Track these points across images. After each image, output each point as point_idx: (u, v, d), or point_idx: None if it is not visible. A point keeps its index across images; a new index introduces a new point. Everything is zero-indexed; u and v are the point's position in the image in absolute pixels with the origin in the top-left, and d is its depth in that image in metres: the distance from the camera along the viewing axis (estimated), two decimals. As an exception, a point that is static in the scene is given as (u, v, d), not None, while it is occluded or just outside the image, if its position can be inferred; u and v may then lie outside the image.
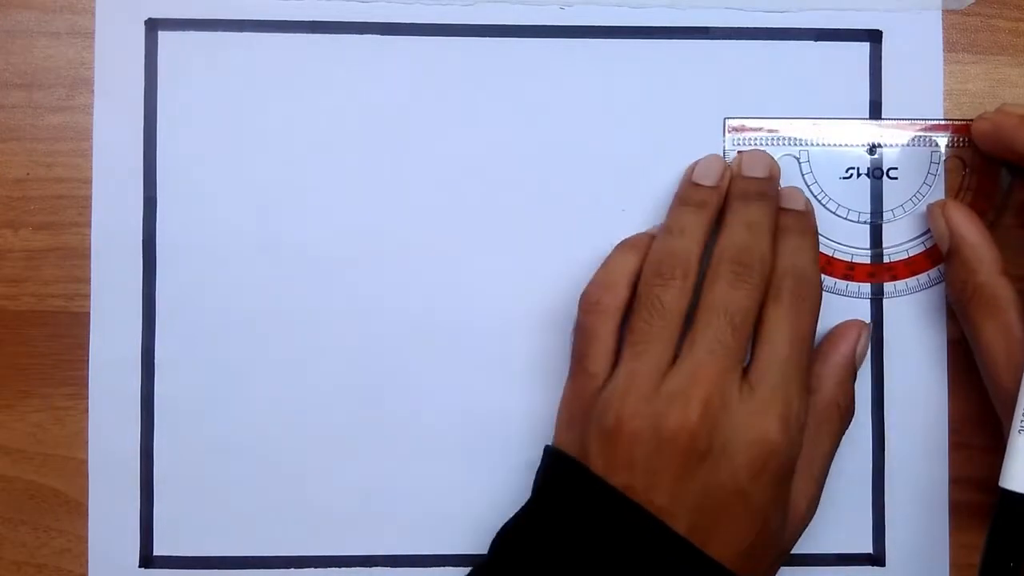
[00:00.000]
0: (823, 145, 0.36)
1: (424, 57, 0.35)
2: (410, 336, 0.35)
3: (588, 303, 0.33)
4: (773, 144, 0.36)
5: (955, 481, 0.36)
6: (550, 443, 0.34)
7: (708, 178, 0.34)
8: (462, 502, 0.35)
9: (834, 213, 0.36)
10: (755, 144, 0.35)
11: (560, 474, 0.32)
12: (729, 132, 0.35)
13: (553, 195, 0.35)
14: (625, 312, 0.33)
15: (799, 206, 0.34)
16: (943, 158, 0.36)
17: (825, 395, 0.33)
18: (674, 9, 0.36)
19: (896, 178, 0.36)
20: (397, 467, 0.35)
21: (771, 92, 0.36)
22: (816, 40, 0.36)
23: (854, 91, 0.36)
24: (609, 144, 0.35)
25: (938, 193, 0.36)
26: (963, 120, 0.36)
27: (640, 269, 0.33)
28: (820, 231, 0.35)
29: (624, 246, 0.34)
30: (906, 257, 0.36)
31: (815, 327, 0.32)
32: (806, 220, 0.34)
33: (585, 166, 0.35)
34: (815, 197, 0.36)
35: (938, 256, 0.35)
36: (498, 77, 0.35)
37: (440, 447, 0.35)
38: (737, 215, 0.33)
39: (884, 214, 0.36)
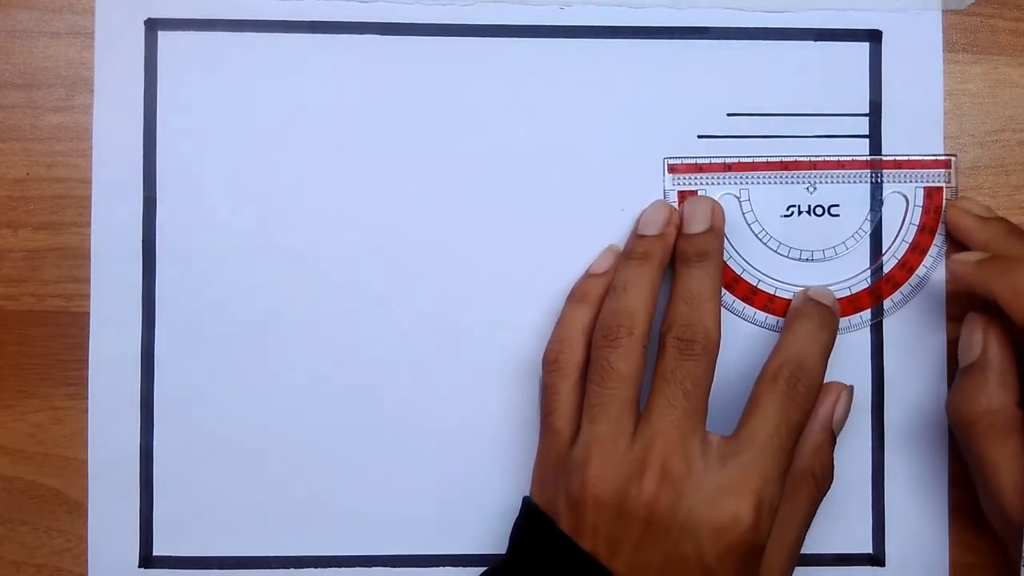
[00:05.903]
0: (763, 183, 0.35)
1: (424, 57, 0.35)
2: (409, 335, 0.35)
3: (548, 361, 0.34)
4: (713, 184, 0.35)
5: (955, 481, 0.36)
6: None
7: (651, 227, 0.34)
8: (461, 502, 0.35)
9: (775, 251, 0.36)
10: (694, 184, 0.35)
11: (532, 532, 0.32)
12: (668, 172, 0.35)
13: (552, 195, 0.35)
14: (585, 367, 0.33)
15: (827, 302, 0.34)
16: (884, 194, 0.36)
17: (800, 463, 0.32)
18: (674, 9, 0.36)
19: (838, 215, 0.36)
20: (396, 467, 0.35)
21: (771, 92, 0.36)
22: (816, 40, 0.36)
23: (854, 91, 0.36)
24: (608, 144, 0.35)
25: (882, 230, 0.35)
26: (903, 156, 0.35)
27: (595, 320, 0.33)
28: (761, 269, 0.35)
29: (574, 299, 0.34)
30: (849, 294, 0.35)
31: (806, 419, 0.32)
32: (830, 317, 0.33)
33: (584, 166, 0.35)
34: (756, 236, 0.35)
35: (879, 294, 0.35)
36: (498, 77, 0.35)
37: (439, 447, 0.35)
38: (680, 284, 0.33)
39: (826, 251, 0.35)
